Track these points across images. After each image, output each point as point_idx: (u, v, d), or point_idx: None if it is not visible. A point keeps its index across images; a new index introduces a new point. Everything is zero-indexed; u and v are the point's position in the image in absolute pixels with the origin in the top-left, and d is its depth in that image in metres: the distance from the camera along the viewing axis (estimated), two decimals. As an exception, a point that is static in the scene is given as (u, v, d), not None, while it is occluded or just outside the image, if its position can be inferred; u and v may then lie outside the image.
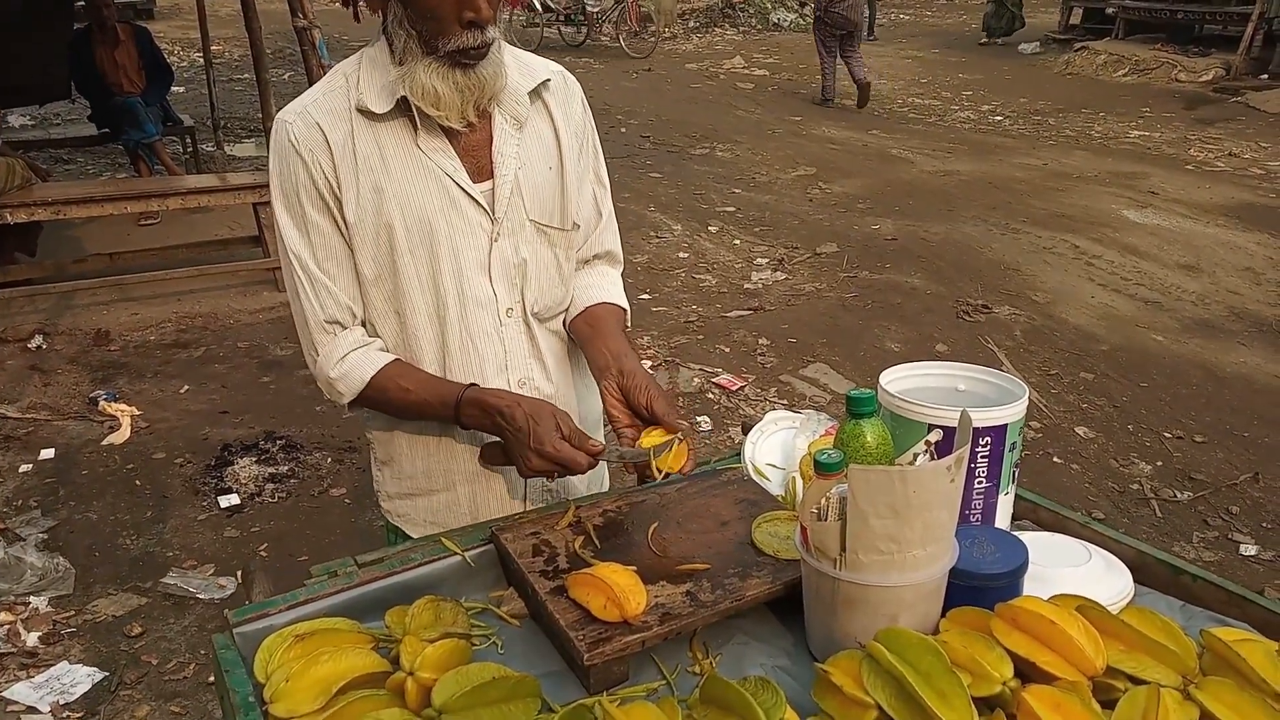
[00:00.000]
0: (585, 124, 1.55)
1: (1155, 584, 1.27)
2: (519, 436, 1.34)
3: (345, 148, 1.38)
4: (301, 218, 1.41)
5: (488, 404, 1.37)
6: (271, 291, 5.53)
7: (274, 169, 1.42)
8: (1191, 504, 3.61)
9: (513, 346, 1.50)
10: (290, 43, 9.03)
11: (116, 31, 6.67)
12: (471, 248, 1.44)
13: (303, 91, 1.51)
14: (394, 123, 1.39)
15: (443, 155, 1.41)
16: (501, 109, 1.44)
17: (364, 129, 1.39)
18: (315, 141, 1.38)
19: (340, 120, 1.39)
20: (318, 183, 1.38)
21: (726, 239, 6.63)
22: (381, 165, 1.39)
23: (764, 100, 11.62)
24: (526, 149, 1.46)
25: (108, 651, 2.82)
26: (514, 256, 1.46)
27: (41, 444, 3.95)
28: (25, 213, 4.98)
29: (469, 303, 1.45)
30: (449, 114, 1.36)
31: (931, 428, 1.25)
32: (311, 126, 1.38)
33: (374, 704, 0.99)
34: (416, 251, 1.42)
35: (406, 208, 1.40)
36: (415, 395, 1.44)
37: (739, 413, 4.26)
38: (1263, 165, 8.33)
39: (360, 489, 3.63)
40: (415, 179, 1.40)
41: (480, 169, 1.43)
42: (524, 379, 1.52)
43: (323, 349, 1.45)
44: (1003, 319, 5.24)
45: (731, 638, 1.17)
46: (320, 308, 1.43)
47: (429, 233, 1.41)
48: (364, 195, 1.39)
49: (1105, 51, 13.08)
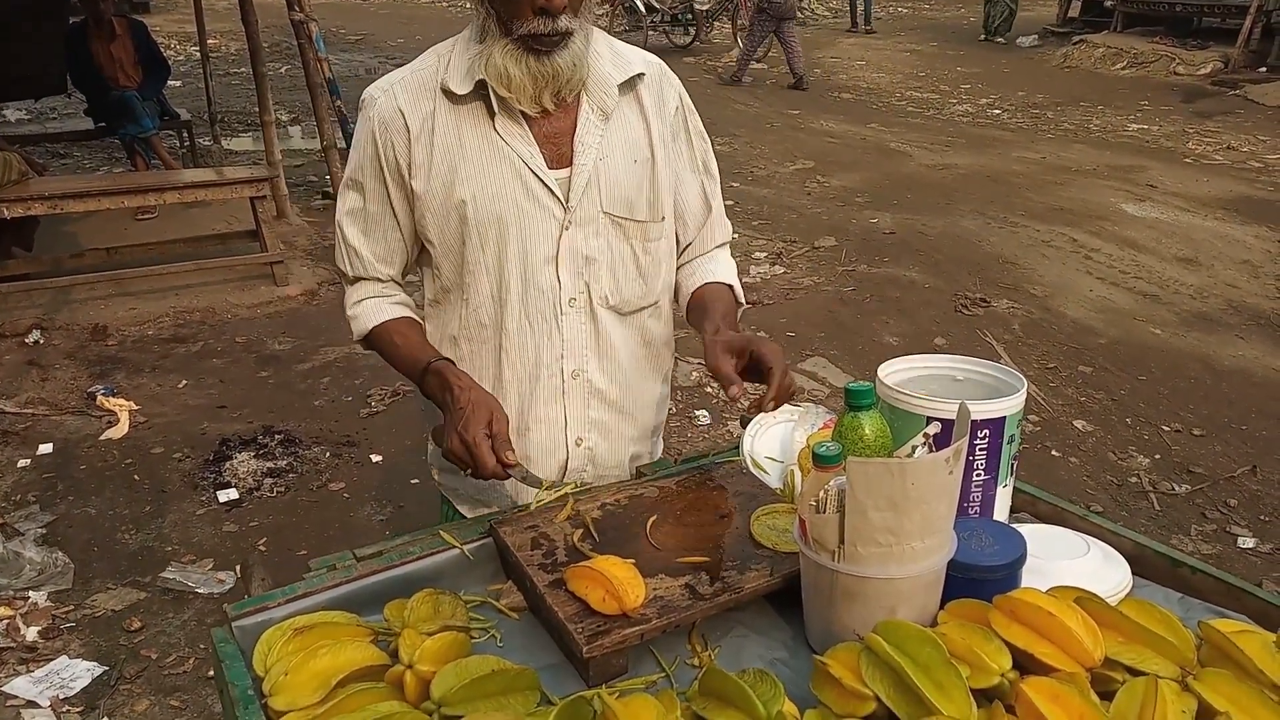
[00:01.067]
0: (683, 117, 1.56)
1: (1154, 576, 1.27)
2: (454, 415, 1.37)
3: (424, 129, 1.42)
4: (360, 187, 1.50)
5: (446, 379, 1.41)
6: (269, 286, 5.52)
7: (355, 133, 1.52)
8: (1190, 497, 3.62)
9: (571, 336, 1.50)
10: (287, 36, 9.00)
11: (113, 25, 6.65)
12: (541, 234, 1.45)
13: (300, 86, 1.53)
14: (473, 105, 1.42)
15: (520, 140, 1.42)
16: (589, 98, 1.45)
17: (446, 109, 1.42)
18: (394, 123, 1.43)
19: (424, 100, 1.43)
20: (384, 160, 1.45)
21: (725, 233, 6.61)
22: (458, 146, 1.42)
23: (761, 94, 11.61)
24: (610, 140, 1.46)
25: (107, 646, 2.82)
26: (584, 246, 1.47)
27: (39, 439, 3.94)
28: (22, 207, 4.97)
29: (530, 288, 1.47)
30: (520, 97, 1.38)
31: (930, 420, 1.25)
32: (394, 109, 1.44)
33: (373, 697, 0.99)
34: (486, 232, 1.44)
35: (479, 191, 1.42)
36: (401, 350, 1.50)
37: (737, 406, 4.26)
38: (1261, 158, 8.33)
39: (359, 483, 3.63)
40: (490, 162, 1.42)
41: (560, 156, 1.44)
42: (578, 370, 1.52)
43: (349, 290, 1.59)
44: (1001, 312, 5.24)
45: (730, 630, 1.17)
46: (350, 267, 1.56)
47: (499, 216, 1.43)
48: (437, 173, 1.43)
49: (1103, 45, 13.07)
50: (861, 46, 15.23)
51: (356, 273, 1.55)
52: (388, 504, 3.47)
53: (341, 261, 1.57)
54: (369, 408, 4.17)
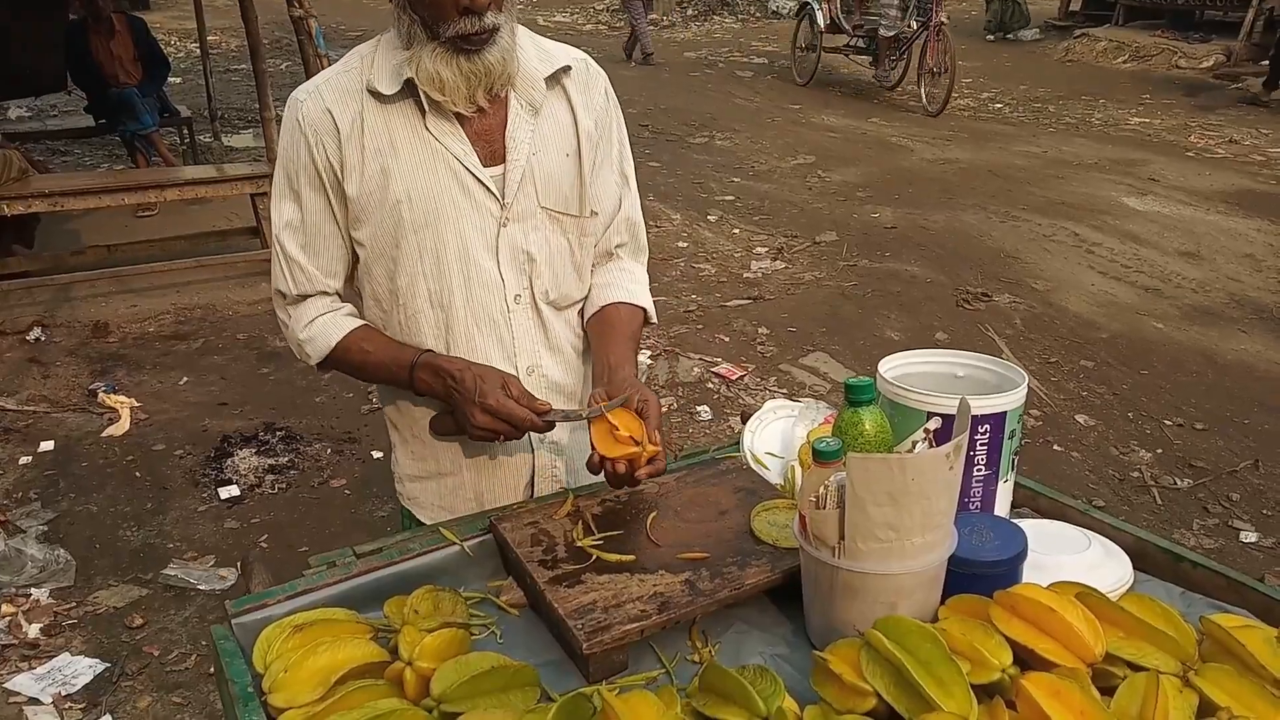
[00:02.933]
0: (608, 113, 1.54)
1: (1155, 571, 1.27)
2: (464, 395, 1.34)
3: (354, 130, 1.39)
4: (296, 196, 1.44)
5: (440, 368, 1.38)
6: (269, 283, 5.52)
7: (281, 144, 1.46)
8: (1192, 491, 3.61)
9: (520, 333, 1.49)
10: (287, 33, 8.98)
11: (112, 22, 6.64)
12: (479, 232, 1.43)
13: (300, 82, 1.51)
14: (403, 105, 1.40)
15: (452, 138, 1.40)
16: (517, 94, 1.43)
17: (374, 110, 1.40)
18: (323, 125, 1.39)
19: (351, 100, 1.40)
20: (318, 164, 1.40)
21: (726, 228, 6.61)
22: (390, 147, 1.40)
23: (763, 88, 11.58)
24: (542, 135, 1.45)
25: (109, 643, 2.83)
26: (523, 242, 1.46)
27: (41, 436, 3.95)
28: (23, 205, 4.97)
29: (475, 287, 1.45)
30: (454, 99, 1.36)
31: (930, 415, 1.25)
32: (321, 110, 1.40)
33: (373, 694, 0.99)
34: (422, 234, 1.42)
35: (414, 190, 1.40)
36: (375, 357, 1.46)
37: (738, 402, 4.26)
38: (1263, 152, 8.31)
39: (360, 480, 3.63)
40: (423, 162, 1.40)
41: (493, 153, 1.43)
42: (532, 366, 1.51)
43: (293, 313, 1.50)
44: (1002, 307, 5.23)
45: (730, 626, 1.17)
46: (293, 284, 1.48)
47: (436, 215, 1.41)
48: (369, 176, 1.40)
49: (1105, 38, 13.04)
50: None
51: (300, 289, 1.47)
52: (389, 501, 3.47)
53: (282, 280, 1.48)
54: (370, 404, 4.16)
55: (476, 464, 1.55)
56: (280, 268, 1.48)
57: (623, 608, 1.11)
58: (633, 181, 1.61)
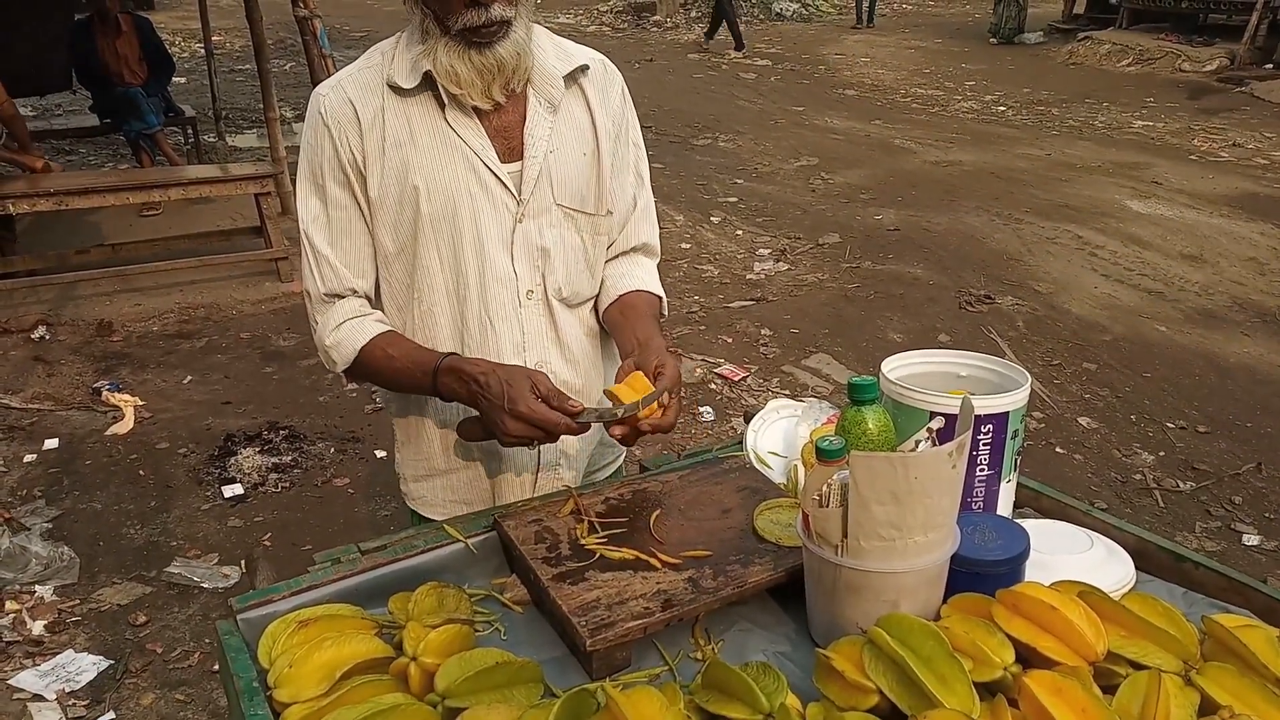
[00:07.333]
0: (624, 113, 1.55)
1: (1157, 571, 1.27)
2: (495, 402, 1.31)
3: (375, 122, 1.40)
4: (321, 190, 1.44)
5: (464, 371, 1.35)
6: (274, 282, 5.53)
7: (304, 139, 1.45)
8: (1194, 494, 3.61)
9: (531, 328, 1.50)
10: (292, 33, 9.00)
11: (118, 22, 6.66)
12: (495, 226, 1.44)
13: (304, 83, 1.51)
14: (423, 98, 1.41)
15: (471, 133, 1.41)
16: (535, 91, 1.44)
17: (395, 105, 1.40)
18: (345, 116, 1.40)
19: (373, 95, 1.41)
20: (342, 158, 1.41)
21: (729, 230, 6.62)
22: (410, 140, 1.40)
23: (766, 90, 11.59)
24: (560, 133, 1.46)
25: (113, 640, 2.84)
26: (538, 239, 1.46)
27: (45, 434, 3.96)
28: (28, 204, 4.99)
29: (489, 281, 1.45)
30: (471, 93, 1.37)
31: (933, 415, 1.25)
32: (343, 101, 1.41)
33: (377, 689, 0.99)
34: (440, 226, 1.42)
35: (432, 183, 1.40)
36: (399, 363, 1.43)
37: (741, 403, 4.26)
38: (1267, 155, 8.30)
39: (364, 478, 3.64)
40: (442, 155, 1.41)
41: (511, 149, 1.44)
42: (541, 361, 1.51)
43: (321, 317, 1.48)
44: (1005, 309, 5.23)
45: (734, 624, 1.18)
46: (321, 282, 1.46)
47: (453, 209, 1.42)
48: (389, 169, 1.41)
49: (1109, 41, 13.03)
50: (866, 43, 15.19)
51: (329, 287, 1.46)
52: (392, 499, 3.47)
53: (311, 278, 1.47)
54: (373, 403, 4.17)
55: (490, 456, 1.56)
56: (309, 265, 1.47)
57: (626, 605, 1.12)
58: (647, 181, 1.62)
